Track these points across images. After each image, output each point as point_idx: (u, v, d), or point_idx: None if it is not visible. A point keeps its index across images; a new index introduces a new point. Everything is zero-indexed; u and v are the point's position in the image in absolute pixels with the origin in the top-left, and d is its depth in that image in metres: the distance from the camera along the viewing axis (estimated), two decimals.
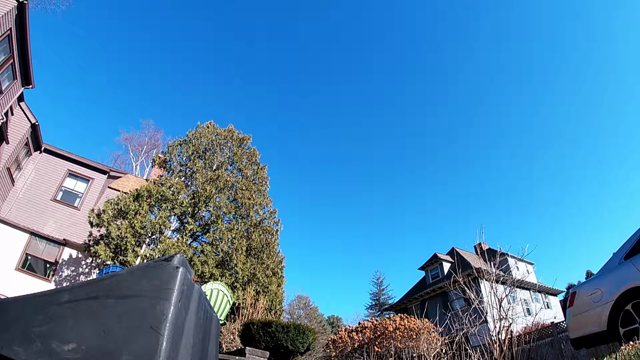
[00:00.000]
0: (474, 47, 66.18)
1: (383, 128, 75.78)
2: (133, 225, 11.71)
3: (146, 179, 18.42)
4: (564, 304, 21.52)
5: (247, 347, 6.03)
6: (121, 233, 11.52)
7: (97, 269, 13.30)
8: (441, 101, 70.68)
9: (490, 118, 71.02)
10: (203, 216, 14.03)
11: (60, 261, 13.60)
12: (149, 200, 12.71)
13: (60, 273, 13.45)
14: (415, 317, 10.29)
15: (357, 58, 70.44)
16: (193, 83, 72.42)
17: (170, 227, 12.88)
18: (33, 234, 13.38)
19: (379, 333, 10.12)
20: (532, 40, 62.73)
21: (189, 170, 14.82)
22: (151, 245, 12.65)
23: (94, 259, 12.45)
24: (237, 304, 10.76)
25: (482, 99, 68.58)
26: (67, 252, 13.82)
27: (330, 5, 66.47)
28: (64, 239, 13.65)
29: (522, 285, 17.95)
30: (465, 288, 7.50)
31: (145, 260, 11.70)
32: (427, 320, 10.22)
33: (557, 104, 65.21)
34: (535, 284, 21.32)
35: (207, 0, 64.85)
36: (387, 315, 21.33)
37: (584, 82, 65.27)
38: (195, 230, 13.78)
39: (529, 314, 18.83)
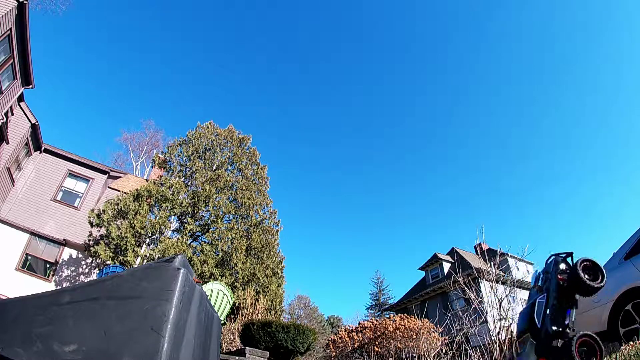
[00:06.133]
0: (480, 47, 66.23)
1: (384, 129, 75.84)
2: (133, 225, 11.71)
3: (146, 179, 18.42)
4: None
5: (247, 347, 6.03)
6: (121, 233, 11.52)
7: (97, 269, 13.30)
8: (441, 101, 70.76)
9: (491, 119, 71.09)
10: (203, 216, 14.03)
11: (60, 261, 13.61)
12: (149, 200, 12.71)
13: (60, 273, 13.45)
14: (415, 317, 10.29)
15: (358, 58, 70.48)
16: (194, 83, 72.46)
17: (170, 227, 12.88)
18: (33, 234, 13.38)
19: (379, 333, 10.13)
20: (543, 40, 62.80)
21: (189, 170, 14.83)
22: (151, 245, 12.65)
23: (94, 259, 12.45)
24: (237, 304, 10.76)
25: (485, 101, 68.67)
26: (67, 252, 13.82)
27: (332, 4, 66.51)
28: (64, 239, 13.65)
29: (522, 285, 17.93)
30: (465, 288, 7.49)
31: (145, 260, 11.70)
32: (427, 320, 10.22)
33: (554, 105, 65.28)
34: None
35: (208, 0, 64.85)
36: (387, 315, 21.34)
37: (586, 83, 65.35)
38: (195, 230, 13.79)
39: None
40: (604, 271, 3.09)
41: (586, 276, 3.04)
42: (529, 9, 59.68)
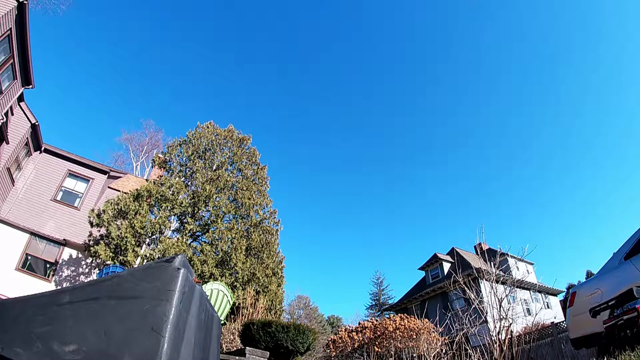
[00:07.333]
0: (480, 47, 66.21)
1: (384, 128, 75.84)
2: (133, 225, 11.71)
3: (146, 179, 18.42)
4: (564, 304, 21.52)
5: (247, 347, 6.03)
6: (121, 233, 11.51)
7: (97, 269, 13.30)
8: (440, 101, 70.76)
9: (491, 119, 71.10)
10: (203, 216, 14.02)
11: (60, 261, 13.60)
12: (149, 200, 12.71)
13: (60, 273, 13.45)
14: (415, 317, 10.28)
15: (359, 58, 70.47)
16: (194, 83, 72.47)
17: (170, 227, 12.87)
18: (33, 234, 13.37)
19: (379, 333, 10.12)
20: (545, 40, 62.77)
21: (189, 170, 14.82)
22: (151, 245, 12.65)
23: (94, 259, 12.44)
24: (237, 304, 10.76)
25: (486, 100, 68.66)
26: (67, 252, 13.82)
27: (333, 5, 66.49)
28: (64, 239, 13.65)
29: (522, 285, 17.94)
30: (465, 288, 7.49)
31: (145, 260, 11.70)
32: (427, 320, 10.21)
33: (554, 105, 65.25)
34: (535, 284, 21.32)
35: (208, 0, 64.85)
36: (387, 315, 21.33)
37: (588, 83, 65.33)
38: (195, 230, 13.78)
39: (529, 314, 18.85)
40: None
41: None
42: (527, 8, 59.71)
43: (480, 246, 23.35)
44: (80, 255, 13.88)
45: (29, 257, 13.23)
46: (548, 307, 23.03)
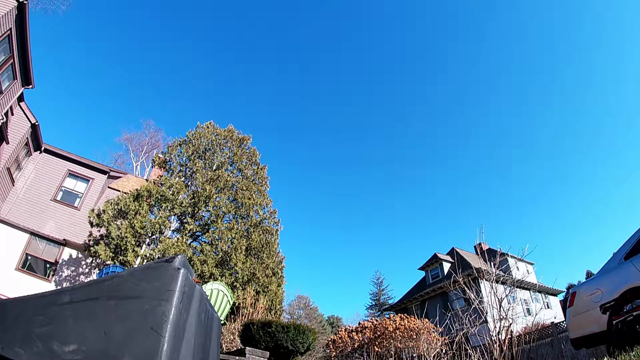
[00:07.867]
0: (481, 48, 66.22)
1: (384, 128, 75.84)
2: (133, 225, 11.71)
3: (146, 179, 18.41)
4: (564, 304, 21.52)
5: (247, 347, 6.02)
6: (121, 233, 11.51)
7: (97, 269, 13.30)
8: (441, 101, 70.73)
9: (491, 119, 71.08)
10: (203, 216, 14.02)
11: (60, 261, 13.60)
12: (149, 200, 12.70)
13: (60, 273, 13.45)
14: (415, 317, 10.28)
15: (359, 58, 70.45)
16: (194, 83, 72.46)
17: (170, 227, 12.87)
18: (33, 234, 13.37)
19: (379, 333, 10.12)
20: (546, 40, 62.77)
21: (189, 171, 14.81)
22: (151, 245, 12.65)
23: (94, 259, 12.44)
24: (237, 304, 10.76)
25: (487, 100, 68.64)
26: (67, 252, 13.82)
27: (333, 4, 66.49)
28: (64, 239, 13.65)
29: (522, 285, 17.94)
30: (465, 288, 7.49)
31: (145, 260, 11.69)
32: (427, 320, 10.21)
33: (553, 105, 65.26)
34: (535, 284, 21.31)
35: (208, 0, 64.85)
36: (387, 315, 21.32)
37: (587, 83, 65.31)
38: (195, 230, 13.78)
39: (529, 314, 18.84)
40: None
41: None
42: (527, 9, 59.70)
43: (480, 246, 23.32)
44: (80, 255, 13.88)
45: (29, 257, 13.23)
46: (548, 307, 23.03)
